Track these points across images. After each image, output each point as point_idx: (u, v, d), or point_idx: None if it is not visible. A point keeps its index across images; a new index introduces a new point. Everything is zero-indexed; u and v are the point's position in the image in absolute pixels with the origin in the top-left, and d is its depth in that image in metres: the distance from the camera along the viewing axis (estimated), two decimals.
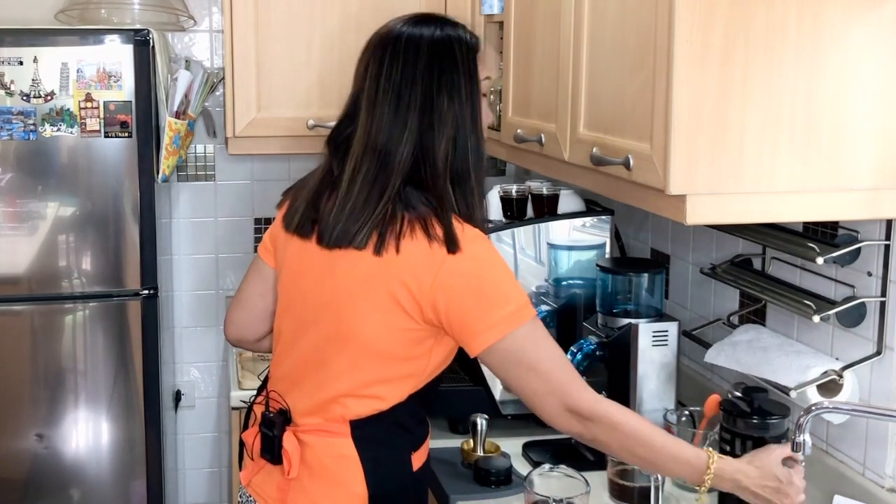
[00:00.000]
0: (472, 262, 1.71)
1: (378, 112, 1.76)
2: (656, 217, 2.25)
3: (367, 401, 1.79)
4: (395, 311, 1.73)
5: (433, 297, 1.71)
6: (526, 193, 2.45)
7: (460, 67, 1.78)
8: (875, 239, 1.84)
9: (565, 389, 1.72)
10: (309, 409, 1.82)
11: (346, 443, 1.78)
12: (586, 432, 1.73)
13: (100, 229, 2.79)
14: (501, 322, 1.70)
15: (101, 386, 2.83)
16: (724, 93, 1.64)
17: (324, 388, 1.80)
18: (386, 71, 1.77)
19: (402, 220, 1.72)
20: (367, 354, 1.77)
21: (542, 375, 1.72)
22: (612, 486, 2.03)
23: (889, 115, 1.69)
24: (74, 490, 2.86)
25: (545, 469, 1.96)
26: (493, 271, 1.73)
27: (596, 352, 2.21)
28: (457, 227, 1.72)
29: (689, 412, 2.11)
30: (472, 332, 1.72)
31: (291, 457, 1.80)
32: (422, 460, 1.87)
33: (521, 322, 1.71)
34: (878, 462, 1.87)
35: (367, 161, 1.76)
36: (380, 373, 1.78)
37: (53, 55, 2.69)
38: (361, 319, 1.76)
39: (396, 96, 1.75)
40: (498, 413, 2.40)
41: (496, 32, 2.88)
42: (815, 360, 1.94)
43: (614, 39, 1.89)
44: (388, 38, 1.80)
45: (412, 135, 1.75)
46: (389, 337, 1.76)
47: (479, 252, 1.73)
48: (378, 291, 1.73)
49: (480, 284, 1.71)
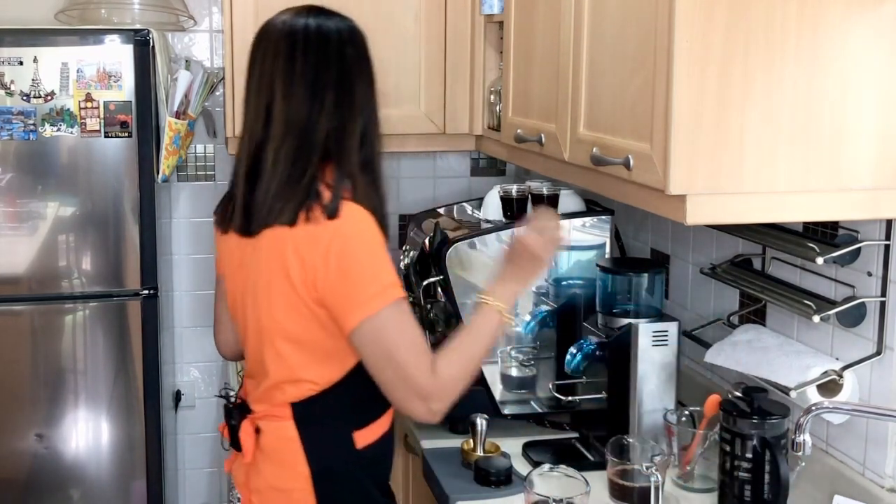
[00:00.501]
0: (344, 236, 1.78)
1: (295, 94, 1.84)
2: (656, 217, 2.25)
3: (300, 385, 1.87)
4: (292, 291, 1.81)
5: (314, 269, 1.79)
6: (526, 193, 2.45)
7: (363, 55, 1.91)
8: (875, 239, 1.84)
9: (418, 380, 1.79)
10: (259, 397, 1.93)
11: (289, 425, 1.88)
12: (440, 413, 1.82)
13: (100, 229, 2.79)
14: (369, 300, 1.77)
15: (101, 386, 2.83)
16: (724, 93, 1.64)
17: (266, 377, 1.91)
18: (301, 57, 1.85)
19: (315, 196, 1.80)
20: (285, 340, 1.86)
21: (398, 365, 1.78)
22: (612, 486, 2.03)
23: (889, 115, 1.69)
24: (74, 490, 2.86)
25: (545, 469, 1.97)
26: (364, 248, 1.79)
27: (596, 352, 2.21)
28: (344, 203, 1.80)
29: (689, 412, 2.11)
30: (343, 308, 1.79)
31: (245, 443, 1.91)
32: (370, 438, 1.91)
33: (386, 303, 1.77)
34: (877, 462, 1.87)
35: (288, 141, 1.84)
36: (301, 358, 1.86)
37: (53, 55, 2.69)
38: (272, 305, 1.85)
39: (313, 79, 1.84)
40: (498, 413, 2.40)
41: (496, 32, 2.88)
42: (815, 360, 1.94)
43: (614, 39, 1.89)
44: (296, 29, 1.88)
45: (328, 115, 1.84)
46: (298, 322, 1.84)
47: (353, 228, 1.79)
48: (278, 268, 1.82)
49: (351, 259, 1.78)
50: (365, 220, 1.81)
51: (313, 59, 1.85)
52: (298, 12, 1.91)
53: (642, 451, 2.05)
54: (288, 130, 1.84)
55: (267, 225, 1.83)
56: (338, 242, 1.77)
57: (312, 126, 1.84)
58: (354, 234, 1.79)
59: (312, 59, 1.85)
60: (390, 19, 2.96)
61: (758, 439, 1.86)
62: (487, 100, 2.91)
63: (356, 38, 1.91)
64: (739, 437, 1.88)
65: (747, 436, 1.87)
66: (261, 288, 1.87)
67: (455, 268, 2.40)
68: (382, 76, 2.95)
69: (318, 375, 1.87)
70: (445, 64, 2.99)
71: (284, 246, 1.81)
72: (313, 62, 1.85)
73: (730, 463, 1.89)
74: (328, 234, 1.78)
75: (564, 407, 2.39)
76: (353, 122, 1.86)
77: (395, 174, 3.47)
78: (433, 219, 2.66)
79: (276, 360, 1.88)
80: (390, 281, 1.79)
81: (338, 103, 1.85)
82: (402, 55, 2.97)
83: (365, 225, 1.81)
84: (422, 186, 3.48)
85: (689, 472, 2.07)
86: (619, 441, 2.06)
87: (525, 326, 2.44)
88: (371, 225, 1.82)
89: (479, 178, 3.51)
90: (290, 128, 1.84)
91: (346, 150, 1.85)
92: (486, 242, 2.42)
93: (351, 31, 1.91)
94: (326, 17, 1.91)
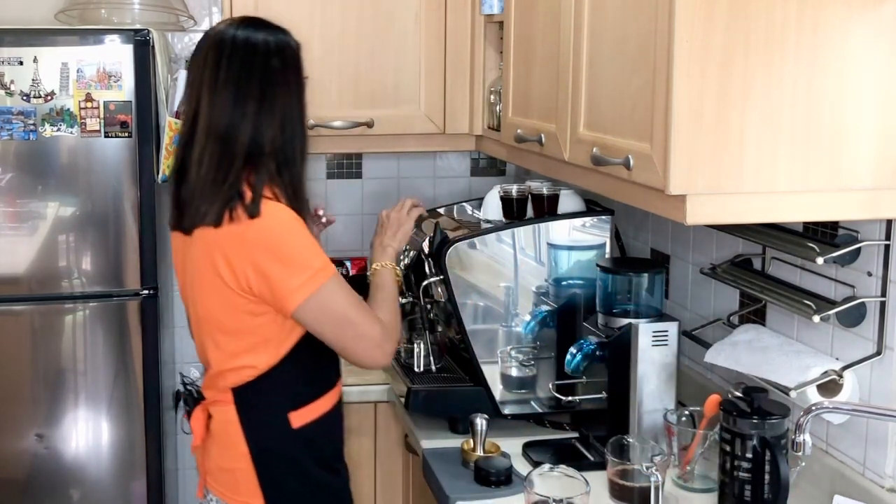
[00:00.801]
0: (268, 232, 1.93)
1: (219, 101, 1.96)
2: (656, 217, 2.25)
3: (238, 371, 2.03)
4: (223, 286, 1.96)
5: (244, 269, 1.93)
6: (526, 193, 2.45)
7: (290, 66, 2.02)
8: (875, 239, 1.84)
9: (371, 331, 2.00)
10: (207, 384, 2.11)
11: (231, 409, 2.05)
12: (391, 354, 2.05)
13: (100, 229, 2.79)
14: (304, 284, 1.93)
15: (101, 386, 2.83)
16: (724, 93, 1.64)
17: (210, 366, 2.08)
18: (225, 65, 1.98)
19: (238, 197, 1.93)
20: (220, 332, 2.03)
21: (352, 324, 1.99)
22: (612, 486, 2.03)
23: (889, 115, 1.69)
24: (74, 490, 2.86)
25: (545, 469, 1.97)
26: (290, 239, 1.95)
27: (596, 352, 2.21)
28: (265, 202, 1.94)
29: (689, 412, 2.11)
30: (280, 296, 1.94)
31: (194, 428, 2.12)
32: (306, 418, 2.05)
33: (323, 281, 1.95)
34: (877, 462, 1.87)
35: (211, 146, 1.96)
36: (237, 345, 2.02)
37: (53, 55, 2.69)
38: (204, 300, 2.02)
39: (235, 87, 1.96)
40: (498, 413, 2.41)
41: (496, 32, 2.88)
42: (815, 360, 1.94)
43: (614, 39, 1.89)
44: (226, 39, 2.00)
45: (249, 122, 1.96)
46: (228, 314, 1.99)
47: (275, 223, 1.94)
48: (209, 268, 1.96)
49: (279, 252, 1.93)
50: (286, 214, 1.95)
51: (237, 69, 1.97)
52: (232, 23, 2.04)
53: (642, 451, 2.05)
54: (211, 135, 1.96)
55: (195, 225, 1.97)
56: (263, 239, 1.92)
57: (234, 132, 1.95)
58: (277, 228, 1.94)
59: (236, 68, 1.97)
60: (390, 19, 2.96)
61: (758, 439, 1.86)
62: (487, 100, 2.91)
63: (285, 51, 2.02)
64: (739, 437, 1.88)
65: (747, 436, 1.87)
66: (196, 283, 2.03)
67: (455, 268, 2.40)
68: (382, 76, 2.99)
69: (254, 361, 2.01)
70: (445, 64, 2.99)
71: (212, 246, 1.95)
72: (237, 71, 1.97)
73: (730, 463, 1.89)
74: (252, 233, 1.92)
75: (564, 407, 2.39)
76: (273, 130, 1.97)
77: (395, 174, 3.47)
78: (433, 219, 2.66)
79: (215, 349, 2.04)
80: (321, 264, 1.96)
81: (259, 111, 1.96)
82: (402, 55, 2.97)
83: (286, 218, 1.95)
84: (422, 186, 3.48)
85: (689, 472, 2.07)
86: (619, 441, 2.06)
87: (525, 326, 2.44)
88: (292, 217, 1.96)
89: (479, 178, 3.51)
90: (212, 133, 1.96)
91: (266, 156, 1.97)
92: (486, 242, 2.42)
93: (280, 44, 2.02)
94: (256, 29, 2.02)
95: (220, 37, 2.01)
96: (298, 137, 2.02)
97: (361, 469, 2.83)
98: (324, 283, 1.95)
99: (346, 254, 3.35)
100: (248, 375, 2.02)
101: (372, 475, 2.84)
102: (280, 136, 1.98)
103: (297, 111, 2.02)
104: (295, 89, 2.02)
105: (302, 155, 2.03)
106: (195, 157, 1.97)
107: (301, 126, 2.03)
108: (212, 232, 1.94)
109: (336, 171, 3.43)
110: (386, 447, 2.82)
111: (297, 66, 2.04)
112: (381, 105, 2.98)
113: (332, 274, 1.98)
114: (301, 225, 1.97)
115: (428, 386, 2.49)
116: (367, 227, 3.36)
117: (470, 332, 2.42)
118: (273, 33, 2.03)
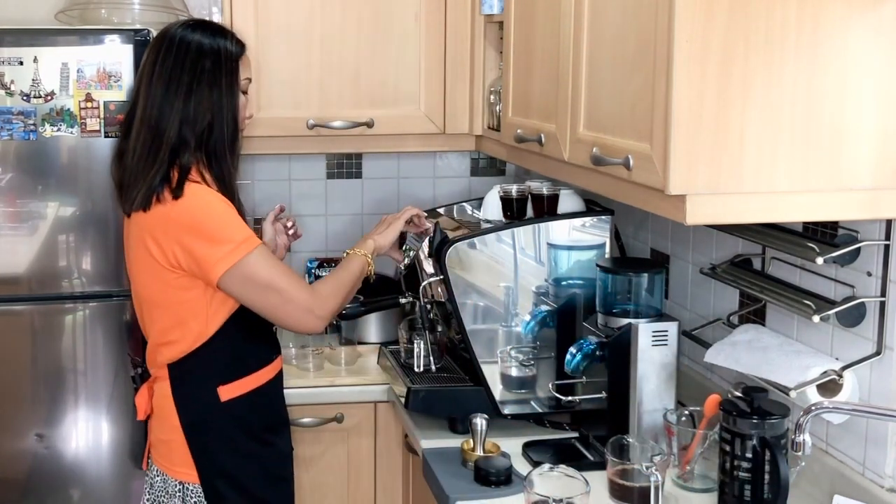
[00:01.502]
0: (192, 210, 2.08)
1: (152, 94, 2.13)
2: (656, 217, 2.25)
3: (170, 346, 2.18)
4: (154, 263, 2.12)
5: (172, 247, 2.08)
6: (526, 193, 2.45)
7: (222, 67, 2.15)
8: (875, 239, 1.84)
9: (298, 296, 2.13)
10: (150, 362, 2.27)
11: (165, 384, 2.21)
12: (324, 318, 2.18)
13: (100, 229, 2.79)
14: (227, 255, 2.07)
15: (101, 386, 2.83)
16: (724, 93, 1.64)
17: (149, 343, 2.24)
18: (161, 61, 2.14)
19: (163, 183, 2.08)
20: (152, 307, 2.19)
21: (278, 290, 2.12)
22: (612, 486, 2.03)
23: (889, 115, 1.69)
24: (74, 490, 2.86)
25: (545, 469, 1.97)
26: (212, 216, 2.09)
27: (596, 352, 2.21)
28: (189, 185, 2.08)
29: (689, 412, 2.11)
30: (206, 269, 2.08)
31: (138, 404, 2.28)
32: (235, 392, 2.19)
33: (246, 251, 2.08)
34: (877, 462, 1.87)
35: (143, 135, 2.13)
36: (168, 320, 2.17)
37: (53, 55, 2.69)
38: (139, 276, 2.19)
39: (167, 83, 2.12)
40: (498, 413, 2.41)
41: (496, 32, 2.89)
42: (815, 359, 1.94)
43: (614, 39, 1.89)
44: (166, 37, 2.17)
45: (177, 115, 2.11)
46: (159, 289, 2.15)
47: (197, 202, 2.08)
48: (142, 248, 2.13)
49: (201, 229, 2.08)
50: (208, 194, 2.10)
51: (170, 66, 2.13)
52: (180, 24, 2.21)
53: (642, 451, 2.05)
54: (144, 125, 2.13)
55: (132, 208, 2.13)
56: (186, 217, 2.07)
57: (164, 124, 2.11)
58: (199, 206, 2.09)
59: (169, 65, 2.13)
60: (390, 19, 2.96)
61: (758, 439, 1.86)
62: (487, 100, 2.91)
63: (218, 53, 2.16)
64: (739, 437, 1.88)
65: (747, 436, 1.87)
66: (133, 262, 2.20)
67: (455, 268, 2.40)
68: (382, 76, 2.99)
69: (183, 336, 2.16)
70: (445, 64, 2.99)
71: (143, 228, 2.12)
72: (169, 68, 2.13)
73: (730, 463, 1.89)
74: (176, 213, 2.07)
75: (564, 407, 2.39)
76: (199, 126, 2.12)
77: (395, 174, 3.47)
78: (433, 219, 2.66)
79: (151, 324, 2.21)
80: (243, 237, 2.09)
81: (185, 107, 2.11)
82: (402, 55, 2.97)
83: (208, 197, 2.10)
84: (422, 186, 3.48)
85: (689, 472, 2.07)
86: (619, 441, 2.06)
87: (525, 326, 2.44)
88: (215, 197, 2.10)
89: (479, 178, 3.51)
90: (145, 123, 2.13)
91: (194, 148, 2.12)
92: (486, 242, 2.42)
93: (214, 46, 2.16)
94: (195, 31, 2.17)
95: (164, 34, 2.19)
96: (228, 135, 2.15)
97: (361, 469, 2.83)
98: (247, 254, 2.08)
99: None
100: (180, 351, 2.17)
101: (372, 475, 2.84)
102: (208, 132, 2.13)
103: (227, 111, 2.15)
104: (227, 91, 2.15)
105: (231, 151, 2.17)
106: (130, 145, 2.15)
107: (231, 124, 2.16)
108: (143, 215, 2.10)
109: (336, 171, 3.43)
110: (386, 447, 2.82)
111: (231, 68, 2.17)
112: (381, 105, 2.99)
113: (257, 245, 2.10)
114: (224, 204, 2.10)
115: (428, 386, 2.49)
116: (367, 227, 3.36)
117: (470, 332, 2.42)
118: (211, 36, 2.17)
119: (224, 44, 2.18)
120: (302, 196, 3.41)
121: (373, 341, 3.07)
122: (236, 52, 2.20)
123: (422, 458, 2.31)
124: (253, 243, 2.10)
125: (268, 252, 2.16)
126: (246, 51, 2.24)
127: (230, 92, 2.16)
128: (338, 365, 2.91)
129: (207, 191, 2.11)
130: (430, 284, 2.47)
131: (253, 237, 2.11)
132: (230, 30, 2.25)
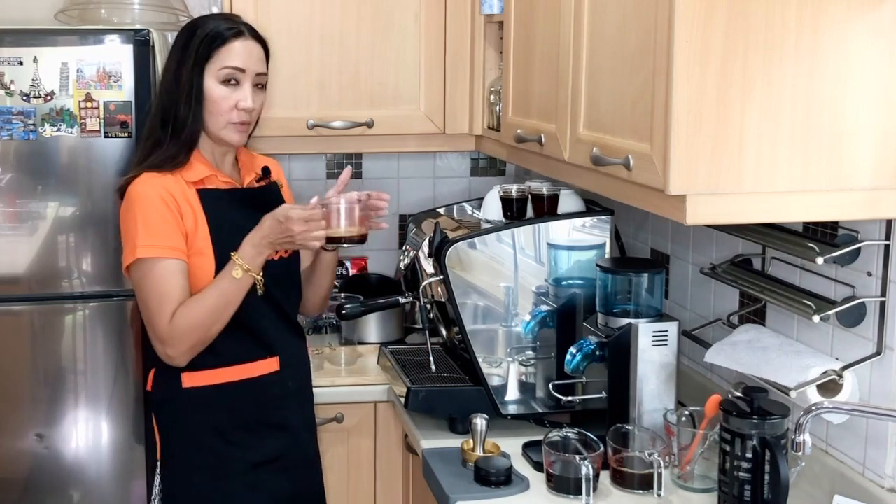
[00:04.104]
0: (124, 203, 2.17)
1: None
2: (656, 217, 2.25)
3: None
4: None
5: None
6: (526, 193, 2.45)
7: (177, 44, 2.21)
8: (875, 239, 1.84)
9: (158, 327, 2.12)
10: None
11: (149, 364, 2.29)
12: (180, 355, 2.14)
13: (100, 229, 2.79)
14: (126, 256, 2.15)
15: (101, 386, 2.83)
16: (724, 93, 1.64)
17: None
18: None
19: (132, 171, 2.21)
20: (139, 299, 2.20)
21: (146, 309, 2.15)
22: (613, 473, 2.04)
23: (889, 115, 1.69)
24: (74, 490, 2.86)
25: (562, 432, 2.10)
26: (126, 215, 2.16)
27: (596, 352, 2.21)
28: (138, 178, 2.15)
29: (689, 412, 2.11)
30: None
31: None
32: (196, 382, 2.20)
33: (138, 257, 2.12)
34: (877, 462, 1.87)
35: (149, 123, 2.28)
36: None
37: (53, 55, 2.69)
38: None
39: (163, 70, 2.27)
40: (498, 413, 2.41)
41: (496, 32, 2.89)
42: (815, 360, 1.94)
43: (614, 39, 1.89)
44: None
45: (156, 99, 2.27)
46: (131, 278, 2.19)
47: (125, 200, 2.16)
48: None
49: (121, 225, 2.18)
50: (133, 191, 2.15)
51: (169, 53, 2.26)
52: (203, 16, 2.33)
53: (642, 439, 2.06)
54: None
55: None
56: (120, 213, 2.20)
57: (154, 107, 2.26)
58: (124, 204, 2.17)
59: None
60: (390, 19, 2.96)
61: (758, 439, 1.86)
62: (487, 100, 2.91)
63: (193, 34, 2.19)
64: (739, 437, 1.87)
65: (747, 436, 1.87)
66: None
67: (455, 268, 2.40)
68: (382, 76, 2.99)
69: None
70: (445, 64, 2.99)
71: None
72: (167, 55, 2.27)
73: (730, 463, 1.89)
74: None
75: (564, 407, 2.39)
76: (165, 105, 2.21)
77: (394, 174, 3.47)
78: (433, 219, 2.66)
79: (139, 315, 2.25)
80: (143, 242, 2.11)
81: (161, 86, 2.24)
82: (401, 55, 2.97)
83: (132, 195, 2.15)
84: (422, 186, 3.48)
85: (688, 472, 2.07)
86: (620, 429, 2.08)
87: (525, 326, 2.44)
88: (138, 195, 2.14)
89: (479, 178, 3.51)
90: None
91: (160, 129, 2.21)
92: (486, 242, 2.42)
93: (193, 28, 2.21)
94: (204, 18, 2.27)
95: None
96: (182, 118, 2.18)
97: (361, 469, 2.83)
98: (139, 259, 2.12)
99: (345, 254, 3.34)
100: None
101: (372, 475, 2.84)
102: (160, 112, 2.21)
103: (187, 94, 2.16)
104: (188, 71, 2.16)
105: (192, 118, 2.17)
106: None
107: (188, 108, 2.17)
108: None
109: (336, 171, 3.43)
110: (386, 447, 2.82)
111: (198, 49, 2.17)
112: (381, 105, 2.98)
113: (152, 257, 2.11)
114: (144, 203, 2.13)
115: (428, 386, 2.49)
116: None
117: (470, 332, 2.42)
118: (206, 20, 2.23)
119: (211, 26, 2.19)
120: (302, 196, 3.41)
121: (373, 341, 3.07)
122: (215, 35, 2.17)
123: (422, 458, 2.31)
124: (148, 252, 2.11)
125: (164, 267, 2.11)
126: (243, 41, 2.19)
127: (191, 73, 2.16)
128: (338, 365, 2.91)
129: (143, 185, 2.15)
130: (430, 284, 2.47)
131: (155, 247, 2.11)
132: (237, 17, 2.26)
